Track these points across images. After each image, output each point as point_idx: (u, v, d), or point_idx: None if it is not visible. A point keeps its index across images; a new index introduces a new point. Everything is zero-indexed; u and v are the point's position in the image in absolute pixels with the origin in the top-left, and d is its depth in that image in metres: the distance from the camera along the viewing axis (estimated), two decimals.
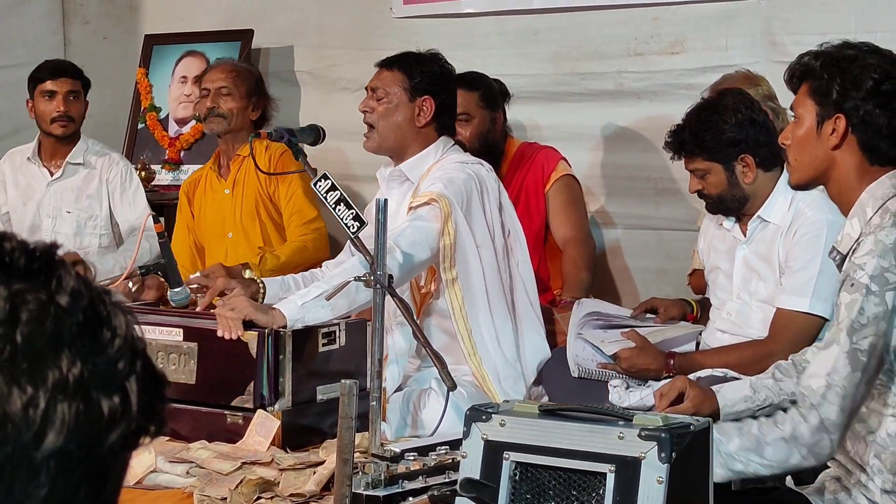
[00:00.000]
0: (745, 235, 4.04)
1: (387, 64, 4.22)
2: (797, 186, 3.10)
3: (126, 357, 1.08)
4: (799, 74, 2.96)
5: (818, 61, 2.91)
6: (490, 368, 4.01)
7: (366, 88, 4.25)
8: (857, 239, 2.85)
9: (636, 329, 4.17)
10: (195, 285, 4.10)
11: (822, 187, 3.07)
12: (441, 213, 3.95)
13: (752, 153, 3.92)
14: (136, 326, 1.11)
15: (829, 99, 2.89)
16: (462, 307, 4.01)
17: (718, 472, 2.79)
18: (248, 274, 4.49)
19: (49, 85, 5.43)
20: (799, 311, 3.84)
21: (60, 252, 1.12)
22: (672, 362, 4.03)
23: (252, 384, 3.66)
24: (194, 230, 5.26)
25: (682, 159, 4.06)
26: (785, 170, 3.89)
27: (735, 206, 4.01)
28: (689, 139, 3.98)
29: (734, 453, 2.79)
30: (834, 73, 2.89)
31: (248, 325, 3.71)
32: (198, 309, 4.01)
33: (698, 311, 4.37)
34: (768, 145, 3.92)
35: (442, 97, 4.21)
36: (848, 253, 2.87)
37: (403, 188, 4.19)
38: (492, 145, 5.00)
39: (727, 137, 3.92)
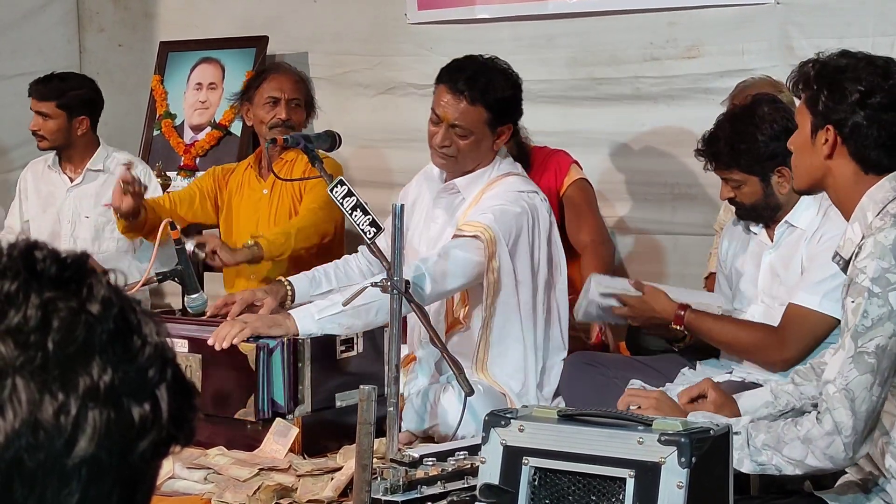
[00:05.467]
0: (772, 241, 4.02)
1: (469, 97, 4.03)
2: (799, 192, 3.14)
3: (156, 365, 1.09)
4: (799, 83, 2.96)
5: (813, 71, 2.92)
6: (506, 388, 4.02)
7: (434, 111, 4.08)
8: (859, 243, 2.85)
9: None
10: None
11: None
12: (484, 249, 3.91)
13: (787, 164, 3.86)
14: (166, 335, 1.12)
15: (818, 110, 2.90)
16: (489, 348, 4.00)
17: (746, 464, 2.82)
18: (249, 243, 4.52)
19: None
20: (809, 307, 3.82)
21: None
22: (683, 314, 4.00)
23: (252, 397, 3.66)
24: (222, 224, 5.21)
25: (714, 169, 4.01)
26: None
27: (768, 214, 3.98)
28: (725, 151, 3.91)
29: (759, 447, 2.83)
30: (822, 85, 2.90)
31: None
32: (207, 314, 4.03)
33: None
34: None
35: (518, 117, 4.19)
36: (851, 257, 2.87)
37: (454, 205, 4.15)
38: (526, 147, 5.00)
39: (765, 151, 3.86)
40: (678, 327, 4.01)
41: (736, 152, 3.89)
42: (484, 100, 4.04)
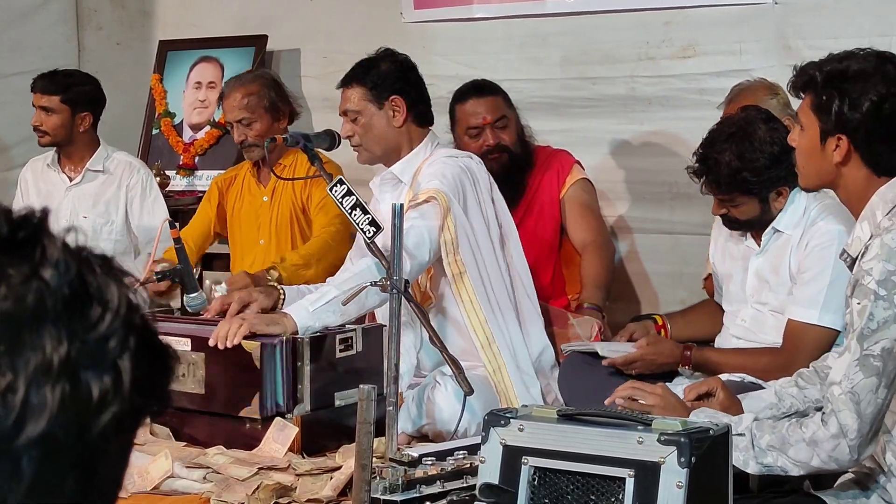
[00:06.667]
0: (759, 246, 4.02)
1: (345, 82, 4.25)
2: (806, 190, 3.12)
3: (118, 334, 0.99)
4: (801, 86, 2.95)
5: (820, 76, 2.90)
6: (508, 357, 4.01)
7: (340, 114, 4.26)
8: (867, 242, 2.85)
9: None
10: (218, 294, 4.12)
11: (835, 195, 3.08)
12: (441, 210, 3.97)
13: (788, 183, 3.86)
14: (132, 296, 1.01)
15: (829, 118, 2.88)
16: (473, 300, 4.01)
17: (752, 465, 2.83)
18: (273, 275, 4.51)
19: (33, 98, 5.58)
20: (809, 323, 3.83)
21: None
22: (690, 354, 4.02)
23: (258, 395, 3.66)
24: (225, 229, 5.25)
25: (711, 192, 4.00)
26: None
27: (761, 227, 3.98)
28: (726, 178, 3.88)
29: (765, 448, 2.83)
30: (833, 94, 2.87)
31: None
32: (206, 315, 4.03)
33: (665, 325, 4.36)
34: None
35: (408, 90, 4.23)
36: (858, 256, 2.87)
37: (397, 191, 4.21)
38: (529, 146, 5.00)
39: (767, 177, 3.85)
40: (687, 367, 4.03)
41: (738, 181, 3.87)
42: (357, 79, 4.21)
